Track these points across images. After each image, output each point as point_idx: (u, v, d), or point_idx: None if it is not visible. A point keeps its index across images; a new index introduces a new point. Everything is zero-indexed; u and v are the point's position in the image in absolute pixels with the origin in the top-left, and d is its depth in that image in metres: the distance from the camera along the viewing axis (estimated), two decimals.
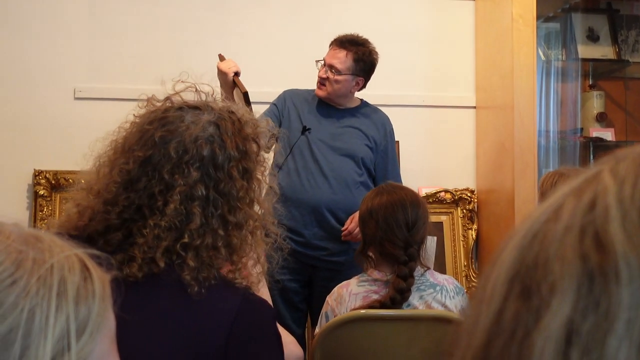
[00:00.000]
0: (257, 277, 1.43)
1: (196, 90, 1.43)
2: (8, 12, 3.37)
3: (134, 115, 1.41)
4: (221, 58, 2.82)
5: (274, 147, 3.04)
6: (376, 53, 3.02)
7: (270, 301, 1.57)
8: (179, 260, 1.29)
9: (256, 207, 1.41)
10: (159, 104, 1.41)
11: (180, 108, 1.38)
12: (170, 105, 1.40)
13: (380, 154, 3.08)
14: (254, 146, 1.41)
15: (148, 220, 1.29)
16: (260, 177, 1.42)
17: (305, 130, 3.01)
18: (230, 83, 2.73)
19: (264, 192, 1.44)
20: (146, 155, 1.33)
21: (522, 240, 0.48)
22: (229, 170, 1.34)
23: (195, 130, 1.34)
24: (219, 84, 2.68)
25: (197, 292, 1.27)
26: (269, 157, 2.98)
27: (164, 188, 1.31)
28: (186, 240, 1.29)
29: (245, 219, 1.35)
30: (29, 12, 3.39)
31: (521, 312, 0.45)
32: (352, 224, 2.90)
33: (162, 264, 1.28)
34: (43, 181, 3.26)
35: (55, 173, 3.27)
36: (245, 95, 2.68)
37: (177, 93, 1.42)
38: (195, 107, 1.39)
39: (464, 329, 0.49)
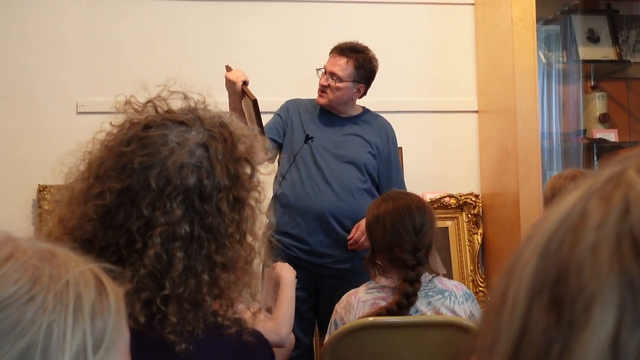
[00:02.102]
0: (252, 317, 1.29)
1: (185, 97, 1.28)
2: (10, 28, 3.38)
3: (110, 123, 1.26)
4: (228, 69, 2.83)
5: (277, 157, 3.05)
6: (376, 60, 3.04)
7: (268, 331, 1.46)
8: (160, 315, 1.16)
9: (249, 238, 1.26)
10: (139, 108, 1.26)
11: (163, 124, 1.22)
12: (152, 118, 1.24)
13: (384, 160, 3.09)
14: (247, 168, 1.26)
15: (126, 268, 1.15)
16: (253, 203, 1.27)
17: (308, 138, 3.01)
18: (239, 92, 2.73)
19: (257, 220, 1.28)
20: (123, 186, 1.18)
21: (545, 246, 0.44)
22: (217, 202, 1.19)
23: (181, 155, 1.18)
24: (209, 94, 2.66)
25: (184, 349, 1.15)
26: (274, 166, 2.99)
27: (142, 225, 1.17)
28: (167, 291, 1.16)
29: (234, 258, 1.21)
30: (31, 27, 3.40)
31: (552, 327, 0.42)
32: (357, 232, 2.90)
33: (142, 320, 1.14)
34: (48, 196, 3.26)
35: (60, 188, 3.26)
36: (255, 102, 2.68)
37: (163, 99, 1.27)
38: (181, 123, 1.22)
39: (482, 342, 0.46)
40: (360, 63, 2.98)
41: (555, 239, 0.44)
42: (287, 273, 2.13)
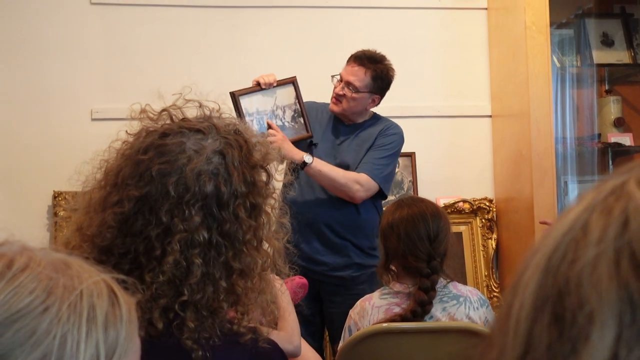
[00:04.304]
0: (267, 325, 1.30)
1: (200, 105, 1.30)
2: (26, 36, 3.41)
3: (126, 132, 1.28)
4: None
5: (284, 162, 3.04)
6: (393, 70, 2.99)
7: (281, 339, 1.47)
8: (178, 321, 1.17)
9: (265, 245, 1.27)
10: (154, 117, 1.28)
11: (180, 132, 1.23)
12: (168, 126, 1.25)
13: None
14: (263, 175, 1.27)
15: (144, 274, 1.17)
16: (269, 210, 1.28)
17: (311, 144, 3.01)
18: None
19: (273, 227, 1.30)
20: (142, 193, 1.19)
21: (547, 262, 0.44)
22: (234, 209, 1.20)
23: (198, 162, 1.19)
24: (223, 102, 2.71)
25: (201, 357, 1.16)
26: (282, 167, 2.98)
27: (161, 232, 1.18)
28: (185, 297, 1.17)
29: (251, 265, 1.22)
30: (46, 35, 3.42)
31: (555, 344, 0.41)
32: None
33: (160, 326, 1.15)
34: (63, 202, 3.28)
35: (75, 194, 3.28)
36: (232, 95, 2.79)
37: (178, 107, 1.28)
38: (197, 130, 1.24)
39: (488, 358, 0.46)
40: (378, 74, 2.93)
41: (557, 254, 0.44)
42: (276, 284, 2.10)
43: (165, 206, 1.18)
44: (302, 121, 3.00)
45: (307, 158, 2.85)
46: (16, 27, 3.40)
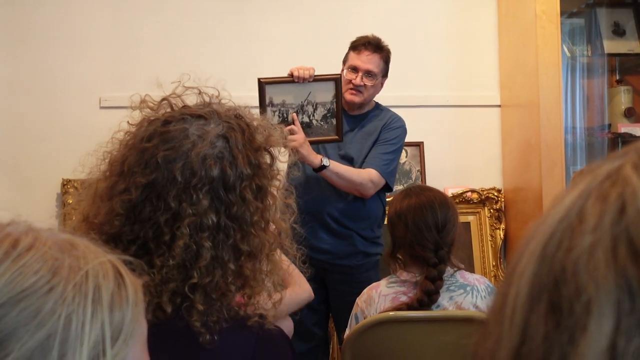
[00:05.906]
0: (273, 308, 1.31)
1: (199, 92, 1.31)
2: (35, 26, 3.41)
3: (128, 122, 1.28)
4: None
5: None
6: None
7: (287, 326, 1.47)
8: (187, 304, 1.18)
9: (271, 226, 1.28)
10: (154, 106, 1.28)
11: (182, 119, 1.24)
12: (170, 114, 1.26)
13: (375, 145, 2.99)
14: (267, 157, 1.28)
15: (154, 258, 1.18)
16: (275, 192, 1.29)
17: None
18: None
19: (279, 208, 1.30)
20: (149, 180, 1.20)
21: (543, 249, 0.43)
22: (241, 191, 1.21)
23: (203, 147, 1.20)
24: (223, 87, 2.65)
25: (209, 341, 1.17)
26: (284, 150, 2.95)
27: (170, 217, 1.19)
28: (195, 280, 1.18)
29: (259, 246, 1.23)
30: (54, 24, 3.43)
31: (552, 334, 0.40)
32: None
33: (169, 310, 1.17)
34: (71, 190, 3.30)
35: (84, 182, 3.29)
36: (259, 82, 2.77)
37: (176, 96, 1.29)
38: (199, 116, 1.24)
39: (483, 348, 0.45)
40: (387, 56, 2.98)
41: (553, 242, 0.43)
42: None
43: (173, 192, 1.19)
44: (334, 123, 2.91)
45: (325, 161, 2.82)
46: (25, 16, 3.41)
